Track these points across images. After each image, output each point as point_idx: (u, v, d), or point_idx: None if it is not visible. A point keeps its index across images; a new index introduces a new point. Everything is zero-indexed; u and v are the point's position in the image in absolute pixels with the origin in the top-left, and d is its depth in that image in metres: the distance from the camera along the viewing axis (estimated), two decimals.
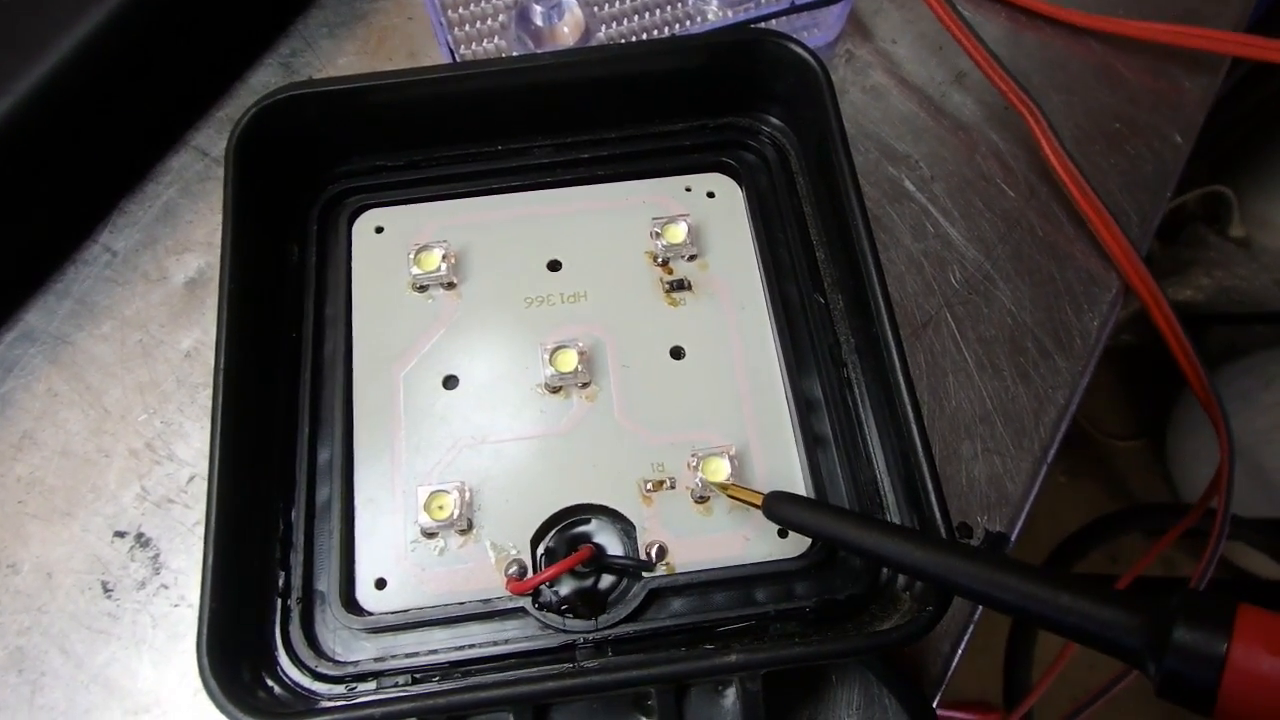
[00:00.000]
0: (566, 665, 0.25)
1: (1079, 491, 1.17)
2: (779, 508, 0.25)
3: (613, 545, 0.28)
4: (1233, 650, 0.16)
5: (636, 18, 0.39)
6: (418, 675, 0.26)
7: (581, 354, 0.29)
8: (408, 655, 0.26)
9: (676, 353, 0.30)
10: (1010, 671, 0.93)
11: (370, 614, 0.26)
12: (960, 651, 0.30)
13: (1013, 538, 0.31)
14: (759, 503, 0.25)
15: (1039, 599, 0.19)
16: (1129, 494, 1.17)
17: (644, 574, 0.27)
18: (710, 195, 0.32)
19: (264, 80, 0.38)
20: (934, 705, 0.29)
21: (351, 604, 0.27)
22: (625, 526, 0.28)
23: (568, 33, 0.38)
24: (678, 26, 0.39)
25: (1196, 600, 0.17)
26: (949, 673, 0.30)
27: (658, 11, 0.39)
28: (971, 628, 0.31)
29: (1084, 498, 1.16)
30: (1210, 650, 0.16)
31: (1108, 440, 1.18)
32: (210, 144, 0.37)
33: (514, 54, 0.38)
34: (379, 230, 0.32)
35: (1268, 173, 0.99)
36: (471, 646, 0.26)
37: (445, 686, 0.25)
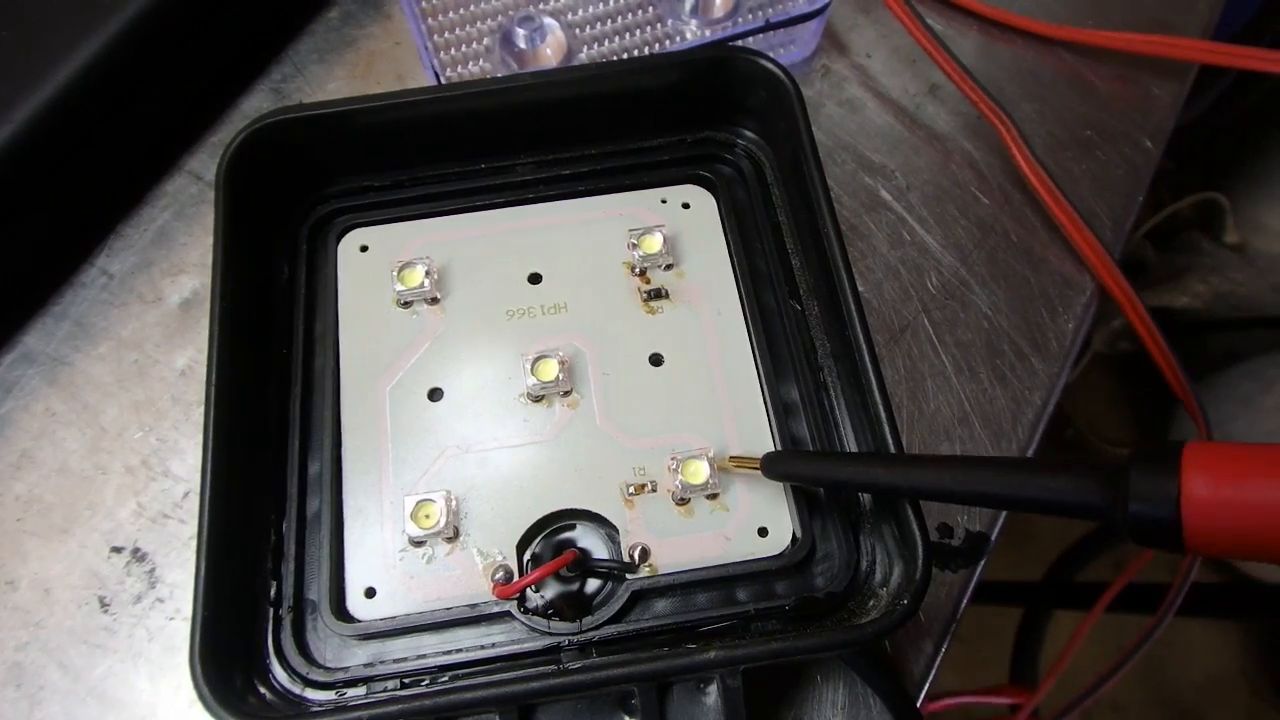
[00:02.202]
0: (551, 667, 0.26)
1: None
2: (776, 465, 0.27)
3: (597, 549, 0.28)
4: (1184, 483, 0.17)
5: (618, 38, 0.40)
6: (406, 680, 0.26)
7: (562, 363, 0.30)
8: (397, 661, 0.27)
9: (655, 360, 0.30)
10: (1016, 673, 0.93)
11: (360, 621, 0.27)
12: (943, 651, 0.30)
13: (993, 536, 0.32)
14: (758, 466, 0.27)
15: (1016, 486, 0.21)
16: None
17: (627, 576, 0.27)
18: (685, 206, 0.33)
19: (256, 105, 0.39)
20: (918, 704, 0.29)
21: (342, 612, 0.27)
22: (609, 530, 0.28)
23: (550, 54, 0.39)
24: (658, 46, 0.40)
25: (1147, 449, 0.18)
26: (933, 671, 0.30)
27: (638, 32, 0.40)
28: (954, 625, 0.31)
29: None
30: (1165, 489, 0.17)
31: (1109, 448, 1.18)
32: (204, 168, 0.38)
33: (498, 75, 0.39)
34: (364, 249, 0.32)
35: (1261, 178, 1.00)
36: (459, 651, 0.27)
37: (432, 689, 0.25)
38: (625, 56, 0.39)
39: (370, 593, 0.27)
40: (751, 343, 0.31)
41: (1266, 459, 0.17)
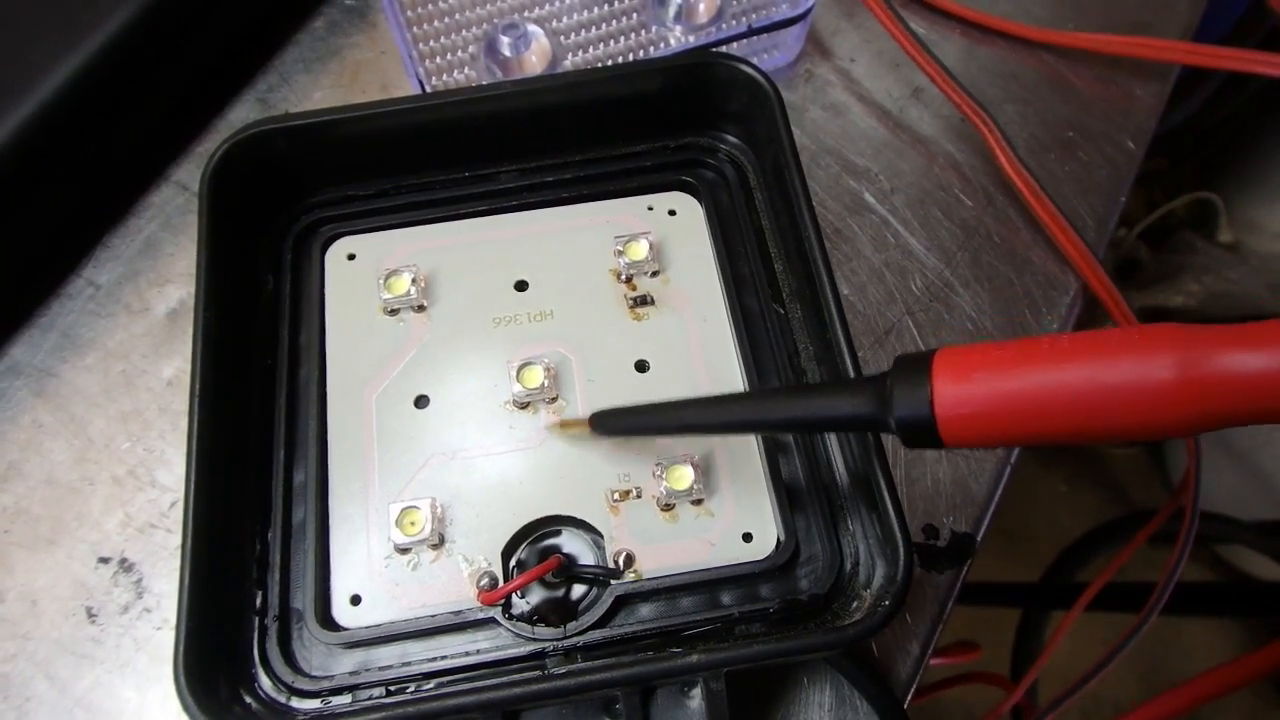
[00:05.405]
0: (536, 672, 0.26)
1: (1079, 500, 1.17)
2: (602, 422, 0.28)
3: (582, 554, 0.28)
4: (933, 387, 0.19)
5: (602, 45, 0.40)
6: (392, 687, 0.26)
7: (548, 370, 0.30)
8: (382, 669, 0.27)
9: (641, 366, 0.31)
10: (1016, 676, 0.93)
11: (346, 630, 0.27)
12: (929, 652, 0.31)
13: (979, 537, 0.32)
14: (587, 426, 0.28)
15: (804, 409, 0.22)
16: (1130, 501, 1.17)
17: (612, 581, 0.27)
18: (671, 213, 0.33)
19: (243, 115, 0.39)
20: (904, 706, 0.29)
21: (327, 621, 0.27)
22: (594, 536, 0.28)
23: (535, 62, 0.39)
24: (642, 52, 0.40)
25: (905, 359, 0.20)
26: (919, 673, 0.30)
27: (623, 39, 0.41)
28: (941, 626, 0.31)
29: (1085, 506, 1.16)
30: (919, 394, 0.19)
31: (1107, 448, 1.18)
32: (191, 179, 0.38)
33: (482, 83, 0.39)
34: (351, 257, 0.33)
35: (1254, 176, 1.00)
36: (445, 658, 0.27)
37: (417, 696, 0.25)
38: (610, 63, 0.40)
39: (356, 600, 0.27)
40: (735, 347, 0.31)
41: (999, 355, 0.18)
